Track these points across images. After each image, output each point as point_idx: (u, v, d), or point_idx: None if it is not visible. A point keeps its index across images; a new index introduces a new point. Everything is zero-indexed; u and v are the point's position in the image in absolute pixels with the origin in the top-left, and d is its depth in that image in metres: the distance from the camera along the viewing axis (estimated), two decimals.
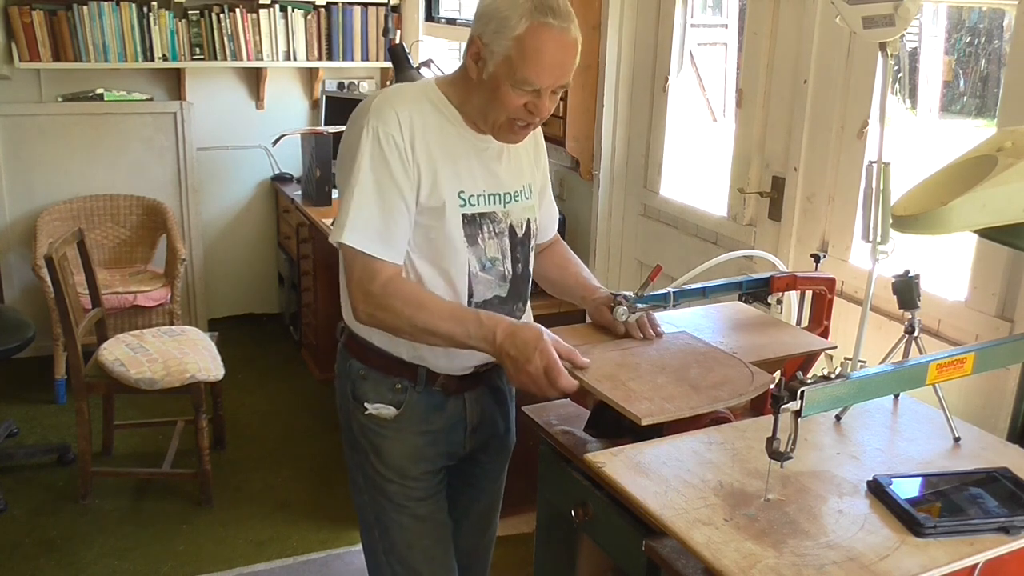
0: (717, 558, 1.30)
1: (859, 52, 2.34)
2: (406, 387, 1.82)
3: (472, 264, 1.76)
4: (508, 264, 1.83)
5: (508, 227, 1.82)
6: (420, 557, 1.92)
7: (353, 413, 1.86)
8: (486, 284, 1.80)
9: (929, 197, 1.50)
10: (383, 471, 1.86)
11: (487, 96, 1.66)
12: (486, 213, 1.77)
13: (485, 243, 1.78)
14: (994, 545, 1.35)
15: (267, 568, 3.03)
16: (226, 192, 4.92)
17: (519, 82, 1.62)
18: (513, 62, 1.60)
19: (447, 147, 1.71)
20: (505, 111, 1.66)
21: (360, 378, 1.83)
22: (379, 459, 1.86)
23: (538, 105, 1.66)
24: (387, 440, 1.85)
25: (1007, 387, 1.92)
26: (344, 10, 4.69)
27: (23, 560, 3.04)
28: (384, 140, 1.65)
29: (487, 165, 1.78)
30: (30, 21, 4.16)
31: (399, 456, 1.86)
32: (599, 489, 1.60)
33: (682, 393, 1.66)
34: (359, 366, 1.83)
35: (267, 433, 3.96)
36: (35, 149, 4.43)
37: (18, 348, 3.40)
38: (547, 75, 1.62)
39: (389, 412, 1.82)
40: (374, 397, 1.82)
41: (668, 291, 1.97)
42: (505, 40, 1.60)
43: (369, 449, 1.86)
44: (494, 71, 1.63)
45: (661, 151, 3.23)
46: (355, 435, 1.88)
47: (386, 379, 1.81)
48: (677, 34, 3.13)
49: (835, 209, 2.47)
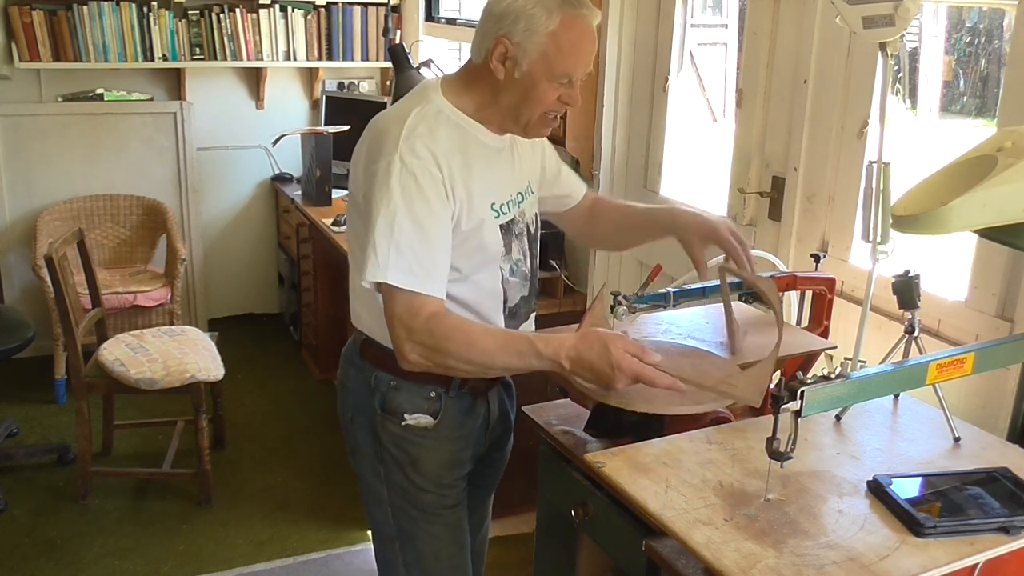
0: (717, 558, 1.30)
1: (859, 52, 2.34)
2: (440, 394, 1.78)
3: (504, 271, 1.77)
4: (528, 263, 1.84)
5: (525, 227, 1.83)
6: (446, 565, 1.89)
7: (382, 425, 1.80)
8: (515, 288, 1.81)
9: (929, 197, 1.50)
10: (419, 481, 1.82)
11: (520, 96, 1.65)
12: (513, 218, 1.78)
13: (513, 248, 1.78)
14: (994, 545, 1.35)
15: (267, 568, 3.03)
16: (226, 192, 4.92)
17: (558, 76, 1.62)
18: (551, 58, 1.60)
19: (475, 163, 1.68)
20: (541, 107, 1.65)
21: (392, 389, 1.78)
22: (415, 470, 1.81)
23: (572, 95, 1.66)
24: (425, 450, 1.81)
25: (1007, 387, 1.91)
26: (344, 10, 4.69)
27: (23, 560, 3.04)
28: (420, 174, 1.58)
29: (505, 169, 1.77)
30: (30, 21, 4.15)
31: (437, 465, 1.82)
32: (599, 489, 1.60)
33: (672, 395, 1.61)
34: (388, 377, 1.77)
35: (267, 433, 3.96)
36: (35, 149, 4.43)
37: (18, 348, 3.40)
38: (583, 65, 1.64)
39: (428, 421, 1.78)
40: (410, 407, 1.78)
41: (668, 291, 1.97)
42: (539, 37, 1.59)
43: (404, 461, 1.81)
44: (529, 69, 1.61)
45: (661, 151, 3.23)
46: (384, 447, 1.81)
47: (420, 388, 1.77)
48: (677, 34, 3.13)
49: (835, 209, 2.47)
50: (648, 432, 1.67)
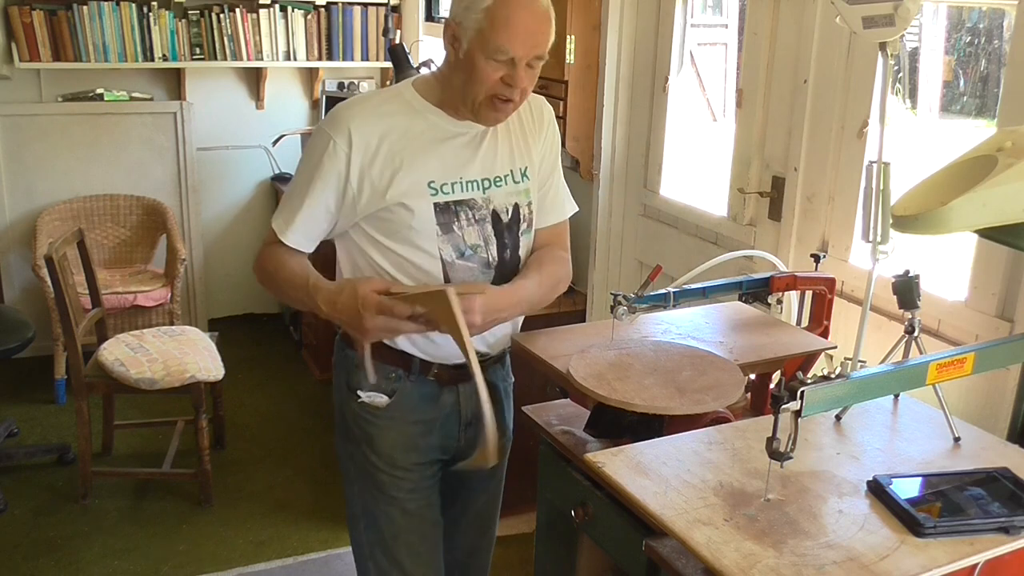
0: (717, 558, 1.30)
1: (859, 52, 2.34)
2: (400, 376, 1.83)
3: (445, 251, 1.76)
4: (493, 250, 1.82)
5: (491, 213, 1.81)
6: (404, 551, 1.92)
7: (347, 402, 1.89)
8: (467, 271, 1.79)
9: (929, 197, 1.50)
10: (374, 460, 1.88)
11: (465, 75, 1.68)
12: (463, 200, 1.77)
13: (463, 230, 1.77)
14: (994, 545, 1.35)
15: (267, 568, 3.03)
16: (226, 192, 4.92)
17: (492, 52, 1.63)
18: (485, 33, 1.62)
19: (414, 142, 1.73)
20: (483, 86, 1.67)
21: (355, 367, 1.84)
22: (371, 448, 1.87)
23: (514, 76, 1.66)
24: (379, 429, 1.86)
25: (1007, 387, 1.91)
26: (344, 10, 4.69)
27: (23, 560, 3.04)
28: (327, 151, 1.71)
29: (463, 152, 1.78)
30: (30, 21, 4.15)
31: (390, 445, 1.87)
32: (599, 489, 1.60)
33: (666, 395, 1.66)
34: (354, 355, 1.84)
35: (267, 433, 3.96)
36: (35, 149, 4.43)
37: (18, 348, 3.40)
38: (519, 42, 1.64)
39: (381, 400, 1.84)
40: (367, 385, 1.83)
41: (668, 291, 1.97)
42: (476, 13, 1.63)
43: (361, 438, 1.88)
44: (468, 47, 1.65)
45: (661, 151, 3.23)
46: (348, 424, 1.90)
47: (380, 367, 1.80)
48: (677, 34, 3.13)
49: (835, 209, 2.47)
50: (648, 432, 1.67)
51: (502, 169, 1.83)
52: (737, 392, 1.70)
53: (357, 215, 1.75)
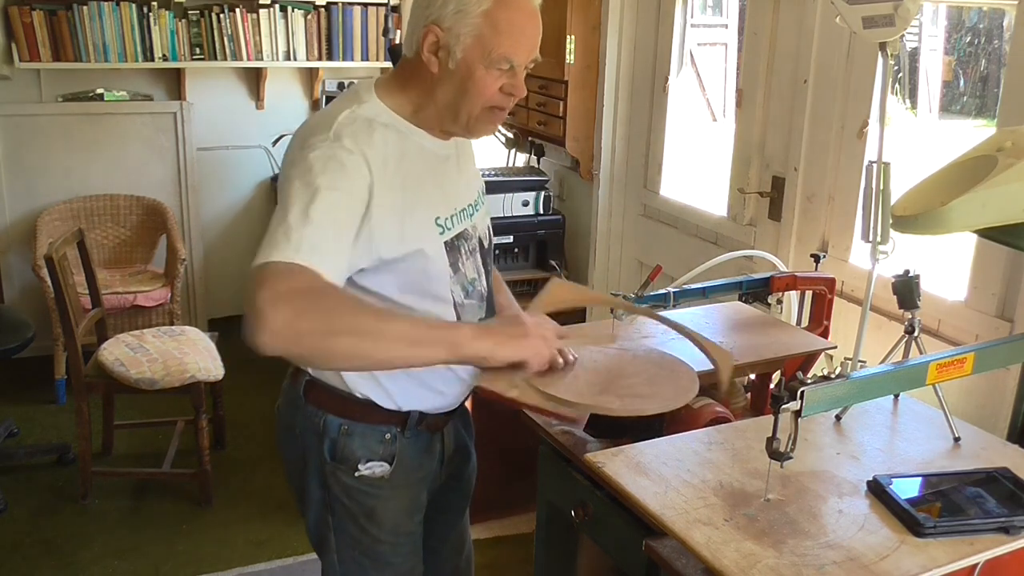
0: (717, 558, 1.30)
1: (859, 52, 2.34)
2: (395, 435, 1.60)
3: (456, 293, 1.57)
4: (484, 281, 1.65)
5: (478, 241, 1.65)
6: None
7: (332, 475, 1.61)
8: (471, 311, 1.61)
9: (929, 197, 1.50)
10: (375, 532, 1.65)
11: (457, 88, 1.47)
12: (460, 233, 1.59)
13: (464, 266, 1.59)
14: (994, 545, 1.35)
15: (267, 568, 3.03)
16: (226, 192, 4.92)
17: (495, 61, 1.45)
18: (486, 40, 1.43)
19: (415, 172, 1.50)
20: (482, 99, 1.48)
21: (343, 435, 1.58)
22: (371, 521, 1.64)
23: (515, 84, 1.49)
24: (382, 500, 1.63)
25: (1007, 387, 1.92)
26: (344, 10, 4.69)
27: (23, 560, 3.03)
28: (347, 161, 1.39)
29: (450, 179, 1.59)
30: (30, 21, 4.15)
31: (395, 514, 1.66)
32: (599, 489, 1.60)
33: (591, 394, 1.54)
34: (338, 421, 1.58)
35: (267, 433, 3.95)
36: (35, 149, 4.42)
37: (18, 348, 3.40)
38: (524, 48, 1.48)
39: (384, 470, 1.60)
40: (364, 455, 1.59)
41: (668, 291, 1.97)
42: (472, 18, 1.43)
43: (357, 512, 1.63)
44: (463, 56, 1.44)
45: (661, 151, 3.23)
46: (334, 497, 1.63)
47: (373, 430, 1.59)
48: (677, 34, 3.13)
49: (835, 209, 2.47)
50: (648, 432, 1.67)
51: (475, 191, 1.67)
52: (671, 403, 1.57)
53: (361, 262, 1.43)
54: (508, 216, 3.58)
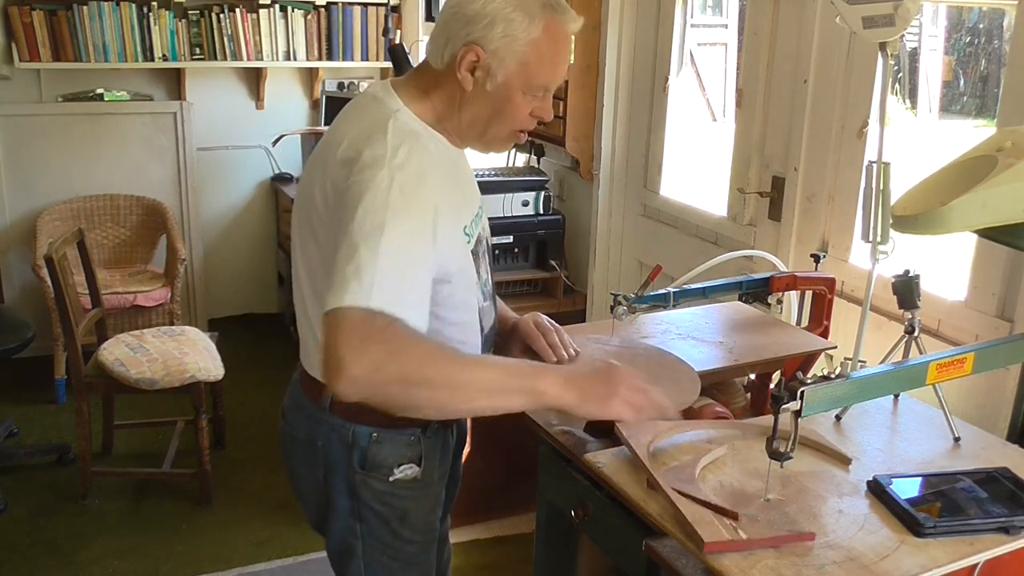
0: (717, 558, 1.30)
1: (859, 52, 2.34)
2: (418, 436, 1.61)
3: (479, 299, 1.59)
4: (491, 281, 1.67)
5: (486, 242, 1.66)
6: None
7: (364, 483, 1.59)
8: (488, 313, 1.63)
9: (929, 197, 1.50)
10: (406, 535, 1.65)
11: (491, 109, 1.47)
12: (478, 237, 1.60)
13: (481, 270, 1.60)
14: (994, 545, 1.35)
15: (267, 568, 3.03)
16: (226, 192, 4.92)
17: (535, 89, 1.46)
18: (531, 69, 1.43)
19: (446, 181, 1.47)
20: (513, 123, 1.48)
21: (374, 443, 1.57)
22: (404, 524, 1.64)
23: (545, 108, 1.50)
24: (414, 501, 1.64)
25: (1007, 387, 1.92)
26: (344, 10, 4.69)
27: (23, 560, 3.03)
28: (413, 188, 1.36)
29: (466, 183, 1.61)
30: (30, 21, 4.15)
31: (426, 513, 1.67)
32: (599, 489, 1.60)
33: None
34: (368, 430, 1.57)
35: (267, 433, 3.95)
36: (35, 149, 4.42)
37: (18, 348, 3.40)
38: (561, 74, 1.49)
39: (415, 472, 1.61)
40: (396, 460, 1.59)
41: (668, 291, 1.97)
42: (519, 45, 1.41)
43: (390, 516, 1.63)
44: (504, 81, 1.43)
45: (661, 151, 3.23)
46: (365, 505, 1.62)
47: (400, 435, 1.58)
48: (677, 34, 3.13)
49: (835, 209, 2.47)
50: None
51: (478, 194, 1.68)
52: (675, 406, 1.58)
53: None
54: (508, 216, 3.58)
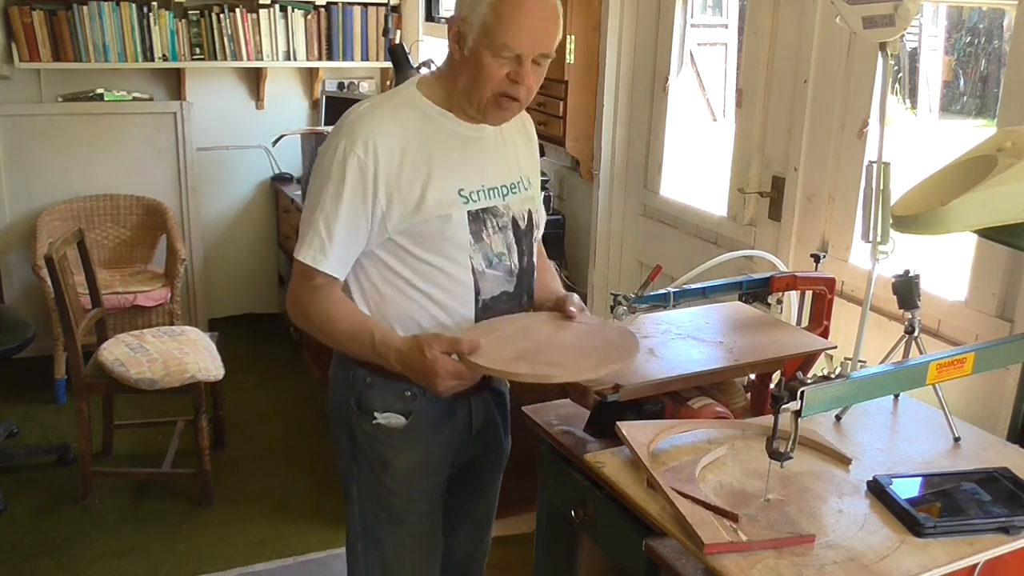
0: (717, 558, 1.30)
1: (859, 52, 2.34)
2: (415, 394, 1.75)
3: (477, 261, 1.73)
4: (515, 258, 1.79)
5: (511, 220, 1.79)
6: (408, 572, 1.88)
7: (357, 423, 1.80)
8: (494, 280, 1.76)
9: (929, 197, 1.50)
10: (389, 484, 1.81)
11: (471, 73, 1.64)
12: (488, 208, 1.75)
13: (491, 238, 1.75)
14: (994, 545, 1.35)
15: (267, 568, 3.03)
16: (226, 192, 4.92)
17: (499, 48, 1.59)
18: (491, 28, 1.58)
19: (439, 150, 1.70)
20: (489, 84, 1.63)
21: (366, 386, 1.77)
22: (385, 472, 1.80)
23: (520, 73, 1.62)
24: (396, 451, 1.79)
25: (1007, 387, 1.92)
26: (344, 10, 4.69)
27: (23, 560, 3.03)
28: (351, 166, 1.64)
29: (482, 158, 1.75)
30: (30, 21, 4.15)
31: (408, 468, 1.80)
32: (599, 489, 1.60)
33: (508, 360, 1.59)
34: (365, 373, 1.76)
35: (267, 433, 3.96)
36: (35, 149, 4.43)
37: (18, 348, 3.40)
38: (525, 38, 1.60)
39: (399, 422, 1.76)
40: (382, 406, 1.76)
41: (668, 291, 1.97)
42: (482, 8, 1.59)
43: (375, 461, 1.80)
44: (474, 44, 1.61)
45: (661, 151, 3.23)
46: (358, 446, 1.82)
47: (395, 386, 1.75)
48: (677, 34, 3.13)
49: (835, 209, 2.47)
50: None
51: (515, 176, 1.81)
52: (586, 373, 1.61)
53: (388, 232, 1.68)
54: None
